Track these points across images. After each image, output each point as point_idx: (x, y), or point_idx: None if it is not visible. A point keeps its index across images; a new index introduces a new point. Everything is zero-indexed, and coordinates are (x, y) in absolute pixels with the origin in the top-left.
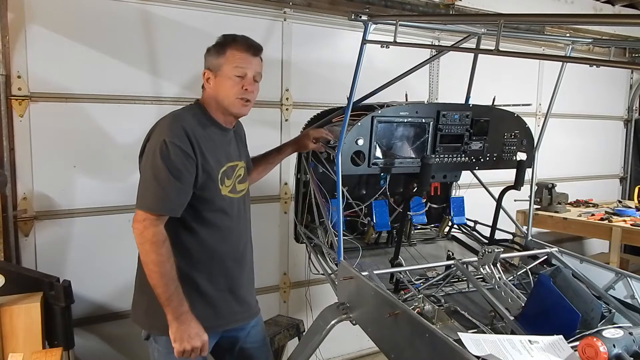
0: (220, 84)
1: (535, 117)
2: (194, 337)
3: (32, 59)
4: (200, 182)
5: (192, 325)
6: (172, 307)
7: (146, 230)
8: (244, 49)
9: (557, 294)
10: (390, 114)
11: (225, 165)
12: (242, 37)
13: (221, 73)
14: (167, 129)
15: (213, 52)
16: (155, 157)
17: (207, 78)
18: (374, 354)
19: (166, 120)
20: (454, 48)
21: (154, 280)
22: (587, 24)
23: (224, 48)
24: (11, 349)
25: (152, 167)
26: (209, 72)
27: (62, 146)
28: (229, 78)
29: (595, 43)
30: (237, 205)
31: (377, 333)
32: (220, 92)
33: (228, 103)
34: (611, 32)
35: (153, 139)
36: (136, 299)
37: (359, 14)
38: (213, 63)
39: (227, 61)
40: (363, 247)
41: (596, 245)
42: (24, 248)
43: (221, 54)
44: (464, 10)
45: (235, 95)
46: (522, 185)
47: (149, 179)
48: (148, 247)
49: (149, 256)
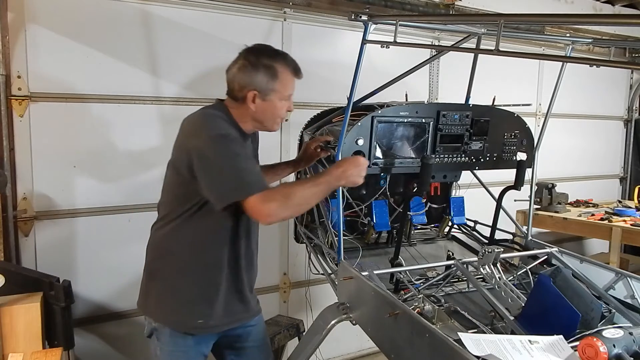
0: (267, 106)
1: (535, 117)
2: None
3: (32, 59)
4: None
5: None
6: (329, 185)
7: (264, 205)
8: (293, 74)
9: (557, 294)
10: (390, 114)
11: None
12: (290, 60)
13: (270, 98)
14: (213, 124)
15: (262, 72)
16: (217, 150)
17: (252, 98)
18: (374, 354)
19: (205, 118)
20: (454, 48)
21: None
22: (587, 24)
23: (275, 72)
24: (11, 349)
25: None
26: (256, 94)
27: (62, 146)
28: (277, 103)
29: (595, 43)
30: None
31: (377, 333)
32: (264, 114)
33: (270, 124)
34: (611, 32)
35: (200, 137)
36: (145, 287)
37: (359, 14)
38: (263, 86)
39: (279, 87)
40: (363, 247)
41: (596, 245)
42: (24, 248)
43: (274, 78)
44: (464, 10)
45: (279, 117)
46: (522, 185)
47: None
48: (276, 206)
49: (293, 207)
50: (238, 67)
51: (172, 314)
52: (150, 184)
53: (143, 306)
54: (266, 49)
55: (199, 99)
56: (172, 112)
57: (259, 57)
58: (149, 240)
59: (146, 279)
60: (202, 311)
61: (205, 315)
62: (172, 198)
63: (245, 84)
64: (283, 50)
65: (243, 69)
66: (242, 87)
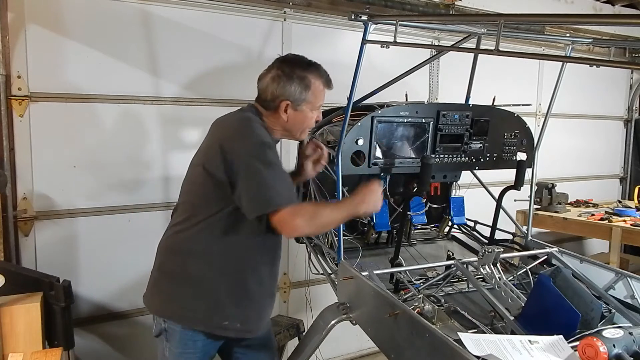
0: (297, 117)
1: (535, 117)
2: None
3: (32, 59)
4: None
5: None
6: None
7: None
8: (325, 86)
9: (557, 294)
10: (390, 114)
11: None
12: (323, 72)
13: (302, 108)
14: (253, 132)
15: (296, 83)
16: (261, 159)
17: (285, 108)
18: (374, 354)
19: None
20: (454, 48)
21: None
22: (587, 24)
23: (308, 82)
24: (11, 349)
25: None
26: (289, 104)
27: (62, 146)
28: (308, 113)
29: (595, 43)
30: None
31: (377, 333)
32: (295, 124)
33: (299, 134)
34: (611, 32)
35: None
36: (155, 284)
37: (359, 14)
38: (296, 96)
39: (312, 98)
40: (363, 247)
41: (596, 245)
42: (24, 248)
43: (306, 89)
44: (464, 10)
45: (308, 127)
46: (522, 185)
47: (268, 179)
48: (312, 222)
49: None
50: (272, 77)
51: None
52: (150, 184)
53: (152, 304)
54: (300, 60)
55: (199, 99)
56: (172, 112)
57: (293, 68)
58: (167, 240)
59: (160, 278)
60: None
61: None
62: (201, 200)
63: (278, 94)
64: (316, 62)
65: (277, 79)
66: (275, 96)
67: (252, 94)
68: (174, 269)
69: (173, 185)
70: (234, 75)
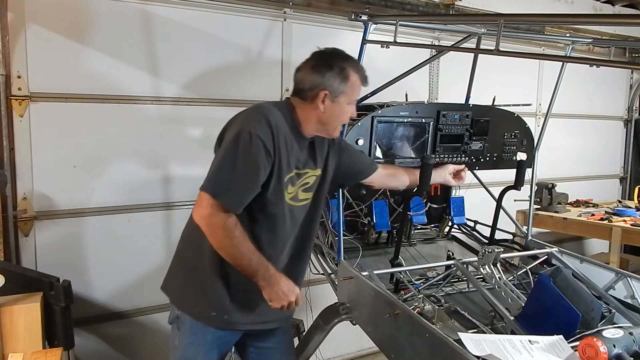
0: (334, 109)
1: (535, 117)
2: (287, 293)
3: (32, 59)
4: (272, 183)
5: (281, 284)
6: (260, 275)
7: (214, 217)
8: (363, 82)
9: (557, 294)
10: (390, 114)
11: (293, 172)
12: (361, 67)
13: (339, 100)
14: (255, 120)
15: (337, 74)
16: (237, 145)
17: (323, 98)
18: (374, 354)
19: (254, 111)
20: (454, 48)
21: (236, 261)
22: (587, 24)
23: (347, 74)
24: (11, 349)
25: (230, 154)
26: (327, 94)
27: (62, 146)
28: (345, 106)
29: (595, 43)
30: (295, 214)
31: (377, 333)
32: (331, 116)
33: (333, 128)
34: (611, 32)
35: (236, 126)
36: (172, 271)
37: (359, 14)
38: (335, 87)
39: (349, 91)
40: (363, 247)
41: (596, 245)
42: (24, 248)
43: (345, 81)
44: (464, 10)
45: (342, 122)
46: (522, 185)
47: (223, 166)
48: (221, 233)
49: (224, 242)
50: (312, 66)
51: (192, 302)
52: (151, 184)
53: (168, 290)
54: (340, 52)
55: (199, 99)
56: (172, 112)
57: (333, 59)
58: (185, 227)
59: (175, 265)
60: (217, 304)
61: (220, 309)
62: None
63: (317, 84)
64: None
65: (317, 69)
66: (314, 86)
67: (252, 94)
68: (183, 257)
69: (173, 185)
70: (234, 75)
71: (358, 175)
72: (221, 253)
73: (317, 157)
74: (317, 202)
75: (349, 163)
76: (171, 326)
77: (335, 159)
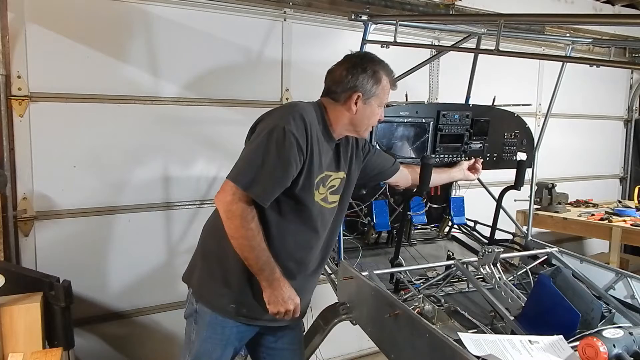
0: (366, 111)
1: (535, 117)
2: (287, 300)
3: (32, 59)
4: (301, 180)
5: (284, 289)
6: (265, 275)
7: (235, 204)
8: (392, 84)
9: (557, 294)
10: (390, 114)
11: (324, 173)
12: (391, 71)
13: (371, 102)
14: (290, 116)
15: (370, 76)
16: (270, 139)
17: (356, 100)
18: (374, 354)
19: (289, 107)
20: (454, 48)
21: (244, 253)
22: (587, 24)
23: (379, 77)
24: (11, 349)
25: (262, 147)
26: (360, 96)
27: (62, 146)
28: (376, 109)
29: (595, 43)
30: (325, 216)
31: (377, 333)
32: (362, 117)
33: (363, 129)
34: (611, 32)
35: (271, 121)
36: (195, 263)
37: (359, 14)
38: (367, 89)
39: (381, 93)
40: (363, 247)
41: (596, 245)
42: (24, 248)
43: (377, 83)
44: (464, 10)
45: (372, 124)
46: (522, 185)
47: (254, 158)
48: (238, 222)
49: (239, 231)
50: (346, 68)
51: (213, 294)
52: (151, 184)
53: (188, 281)
54: (372, 56)
55: (199, 99)
56: (172, 112)
57: (367, 62)
58: (209, 219)
59: (198, 256)
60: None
61: (240, 301)
62: None
63: (352, 85)
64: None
65: (351, 71)
66: (347, 88)
67: (252, 94)
68: (205, 249)
69: (173, 185)
70: (234, 75)
71: (381, 175)
72: (232, 242)
73: (341, 160)
74: (342, 206)
75: (374, 165)
76: (187, 320)
77: (359, 161)
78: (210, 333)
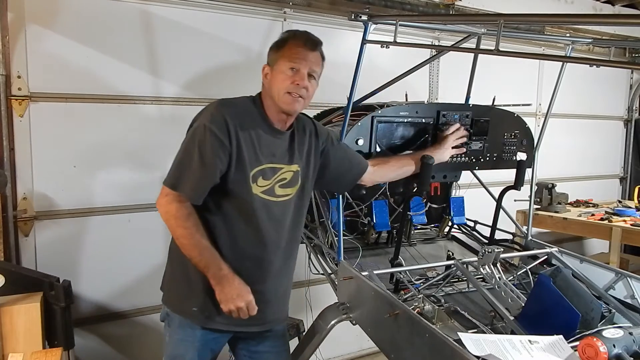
0: (274, 78)
1: (535, 117)
2: (236, 298)
3: (32, 59)
4: (231, 174)
5: (234, 286)
6: (212, 272)
7: (169, 205)
8: (301, 43)
9: (557, 294)
10: (390, 114)
11: (264, 165)
12: (301, 32)
13: (276, 67)
14: (209, 114)
15: (274, 46)
16: (192, 139)
17: (265, 73)
18: (374, 354)
19: (213, 104)
20: (454, 48)
21: (188, 252)
22: (587, 24)
23: (283, 42)
24: (11, 349)
25: (186, 147)
26: (267, 67)
27: (62, 146)
28: (282, 72)
29: (595, 43)
30: (272, 209)
31: (377, 333)
32: (273, 86)
33: (278, 98)
34: (611, 32)
35: (197, 120)
36: (166, 267)
37: (359, 14)
38: (271, 57)
39: (283, 55)
40: (363, 247)
41: (596, 245)
42: (24, 248)
43: (280, 48)
44: (464, 10)
45: (285, 89)
46: (522, 185)
47: (179, 159)
48: (173, 222)
49: (177, 231)
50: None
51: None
52: (150, 184)
53: (161, 286)
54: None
55: (199, 99)
56: (172, 112)
57: (278, 38)
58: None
59: (167, 262)
60: (198, 299)
61: (201, 305)
62: None
63: (264, 65)
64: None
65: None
66: (262, 68)
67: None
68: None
69: None
70: (234, 75)
71: (348, 174)
72: (177, 243)
73: (295, 153)
74: (303, 201)
75: (337, 162)
76: (163, 323)
77: (317, 154)
78: (182, 336)
